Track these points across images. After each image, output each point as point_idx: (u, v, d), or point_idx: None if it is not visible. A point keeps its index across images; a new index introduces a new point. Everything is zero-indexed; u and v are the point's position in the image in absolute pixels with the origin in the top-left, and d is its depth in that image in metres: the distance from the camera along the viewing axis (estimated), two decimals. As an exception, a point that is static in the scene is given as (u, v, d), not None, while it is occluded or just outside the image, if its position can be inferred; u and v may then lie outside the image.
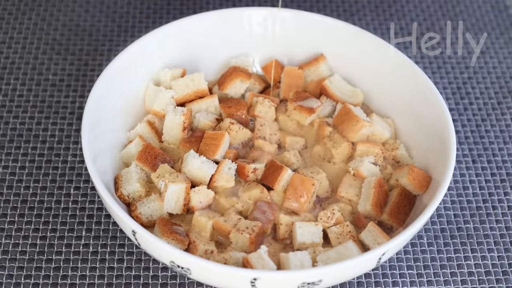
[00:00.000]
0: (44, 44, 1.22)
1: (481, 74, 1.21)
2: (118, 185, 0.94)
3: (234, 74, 1.03)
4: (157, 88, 1.02)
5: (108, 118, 0.98)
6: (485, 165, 1.09)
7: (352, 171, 0.97)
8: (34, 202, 1.01)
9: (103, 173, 0.93)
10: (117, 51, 1.20)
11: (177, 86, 1.02)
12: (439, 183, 0.91)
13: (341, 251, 0.89)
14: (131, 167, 0.95)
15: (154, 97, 1.01)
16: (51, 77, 1.17)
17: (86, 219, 1.00)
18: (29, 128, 1.09)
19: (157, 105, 1.01)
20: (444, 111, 0.97)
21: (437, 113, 0.98)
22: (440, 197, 0.89)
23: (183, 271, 0.85)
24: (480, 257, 0.99)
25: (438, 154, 0.95)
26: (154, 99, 1.01)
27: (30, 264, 0.95)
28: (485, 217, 1.03)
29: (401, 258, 0.98)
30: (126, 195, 0.93)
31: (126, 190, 0.93)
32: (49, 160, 1.06)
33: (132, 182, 0.93)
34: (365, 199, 0.95)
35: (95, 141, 0.94)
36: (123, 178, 0.94)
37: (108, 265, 0.95)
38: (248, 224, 0.91)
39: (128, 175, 0.94)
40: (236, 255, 0.88)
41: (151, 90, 1.02)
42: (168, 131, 0.99)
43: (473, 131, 1.13)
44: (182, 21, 1.07)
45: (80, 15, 1.27)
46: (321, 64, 1.07)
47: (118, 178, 0.95)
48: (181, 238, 0.89)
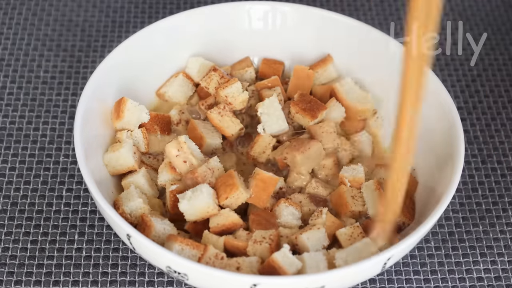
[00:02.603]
0: (35, 40, 1.22)
1: (491, 71, 1.22)
2: (119, 204, 0.93)
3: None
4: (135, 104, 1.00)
5: (101, 117, 0.99)
6: (495, 166, 1.09)
7: (348, 183, 0.98)
8: (25, 204, 1.01)
9: (97, 175, 0.93)
10: (111, 47, 1.21)
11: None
12: (446, 185, 0.91)
13: (359, 247, 0.89)
14: (131, 189, 0.94)
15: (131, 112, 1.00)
16: (42, 74, 1.17)
17: (79, 222, 1.00)
18: (19, 128, 1.10)
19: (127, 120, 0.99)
20: (452, 109, 0.98)
21: (445, 111, 0.98)
22: (448, 199, 0.89)
23: (180, 277, 0.85)
24: (490, 262, 0.99)
25: (446, 154, 0.95)
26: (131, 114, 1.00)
27: (20, 269, 0.95)
28: (495, 220, 1.03)
29: (407, 263, 0.98)
30: (128, 213, 0.93)
31: (128, 207, 0.92)
32: (40, 160, 1.06)
33: (133, 198, 0.93)
34: (373, 202, 0.95)
35: (88, 141, 0.94)
36: (123, 198, 0.93)
37: (102, 270, 0.96)
38: (264, 233, 0.91)
39: (129, 195, 0.93)
40: (250, 259, 0.89)
41: (130, 104, 0.99)
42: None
43: (482, 131, 1.13)
44: (180, 16, 1.07)
45: (72, 10, 1.27)
46: (329, 66, 1.08)
47: (117, 200, 0.94)
48: (197, 244, 0.89)
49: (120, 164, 0.96)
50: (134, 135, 0.98)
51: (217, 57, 1.10)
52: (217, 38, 1.10)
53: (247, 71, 1.08)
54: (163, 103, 1.06)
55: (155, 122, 1.00)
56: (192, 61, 1.07)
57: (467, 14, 1.31)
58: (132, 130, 0.99)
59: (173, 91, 1.05)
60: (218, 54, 1.10)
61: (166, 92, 1.06)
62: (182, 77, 1.06)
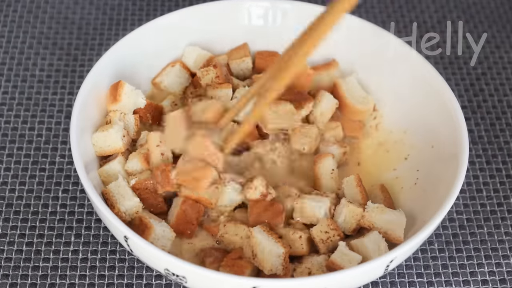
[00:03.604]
0: (31, 38, 1.22)
1: (496, 69, 1.21)
2: (112, 201, 0.92)
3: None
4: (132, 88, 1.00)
5: (98, 116, 0.98)
6: (500, 166, 1.09)
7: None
8: (20, 206, 1.01)
9: (93, 175, 0.93)
10: (108, 45, 1.20)
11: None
12: (450, 186, 0.91)
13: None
14: (119, 180, 0.93)
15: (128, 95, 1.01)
16: (38, 73, 1.17)
17: (75, 224, 1.00)
18: (14, 127, 1.09)
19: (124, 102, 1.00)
20: (456, 109, 0.97)
21: (449, 111, 0.98)
22: (452, 200, 0.89)
23: (178, 279, 0.85)
24: (495, 264, 0.99)
25: (450, 154, 0.95)
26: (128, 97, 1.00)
27: (15, 272, 0.95)
28: (500, 221, 1.03)
29: (410, 266, 0.98)
30: (124, 212, 0.92)
31: (124, 206, 0.92)
32: (36, 161, 1.06)
33: (128, 196, 0.92)
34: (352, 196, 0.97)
35: (85, 141, 0.94)
36: (115, 193, 0.93)
37: (99, 273, 0.95)
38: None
39: (120, 189, 0.93)
40: (317, 259, 0.90)
41: (127, 88, 1.00)
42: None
43: (487, 130, 1.13)
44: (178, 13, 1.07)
45: (69, 7, 1.27)
46: (332, 70, 1.08)
47: (107, 194, 0.93)
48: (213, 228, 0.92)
49: (107, 145, 0.96)
50: (127, 118, 0.98)
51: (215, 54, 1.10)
52: (216, 36, 1.10)
53: (244, 60, 1.07)
54: (157, 93, 1.06)
55: (148, 111, 1.01)
56: (189, 50, 1.07)
57: (471, 11, 1.31)
58: (126, 113, 0.99)
59: (170, 81, 1.05)
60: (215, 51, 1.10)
61: (162, 82, 1.06)
62: (180, 67, 1.06)
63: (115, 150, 0.96)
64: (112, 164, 0.95)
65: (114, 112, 0.98)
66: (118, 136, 0.95)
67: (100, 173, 0.95)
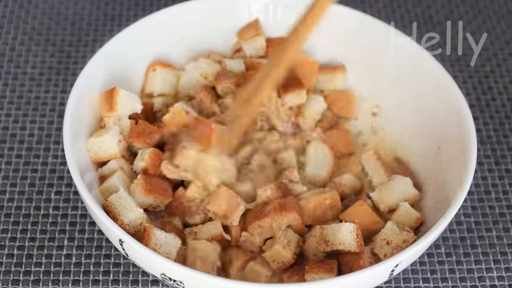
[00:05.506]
0: (22, 34, 1.22)
1: (505, 66, 1.21)
2: (114, 214, 0.91)
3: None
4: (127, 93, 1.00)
5: (91, 119, 0.98)
6: (509, 167, 1.09)
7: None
8: (11, 208, 1.01)
9: (87, 176, 0.93)
10: (102, 41, 1.20)
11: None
12: (458, 188, 0.91)
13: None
14: (120, 192, 0.91)
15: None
16: (30, 71, 1.17)
17: (69, 226, 1.00)
18: (5, 127, 1.09)
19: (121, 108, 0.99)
20: (463, 108, 0.97)
21: (456, 110, 0.98)
22: (459, 203, 0.89)
23: (175, 284, 0.85)
24: (504, 269, 0.99)
25: (457, 155, 0.95)
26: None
27: (6, 277, 0.95)
28: (509, 224, 1.03)
29: (416, 270, 0.98)
30: (127, 224, 0.91)
31: (128, 218, 0.91)
32: (27, 161, 1.06)
33: (131, 207, 0.91)
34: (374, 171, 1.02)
35: (78, 140, 0.94)
36: (117, 205, 0.91)
37: (93, 278, 0.95)
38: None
39: (121, 200, 0.91)
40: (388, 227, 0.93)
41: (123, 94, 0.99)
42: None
43: (496, 130, 1.13)
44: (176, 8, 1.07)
45: (61, 2, 1.27)
46: (338, 75, 1.08)
47: (109, 206, 0.91)
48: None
49: (102, 151, 0.95)
50: (122, 122, 0.98)
51: (214, 51, 1.10)
52: (214, 31, 1.10)
53: (256, 40, 1.06)
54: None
55: (145, 116, 1.01)
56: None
57: (480, 6, 1.31)
58: (121, 118, 0.98)
59: (159, 86, 1.04)
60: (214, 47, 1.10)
61: (154, 91, 1.05)
62: (160, 69, 1.05)
63: (111, 156, 0.96)
64: (111, 180, 0.94)
65: (109, 117, 0.97)
66: (113, 141, 0.95)
67: (102, 192, 0.94)
